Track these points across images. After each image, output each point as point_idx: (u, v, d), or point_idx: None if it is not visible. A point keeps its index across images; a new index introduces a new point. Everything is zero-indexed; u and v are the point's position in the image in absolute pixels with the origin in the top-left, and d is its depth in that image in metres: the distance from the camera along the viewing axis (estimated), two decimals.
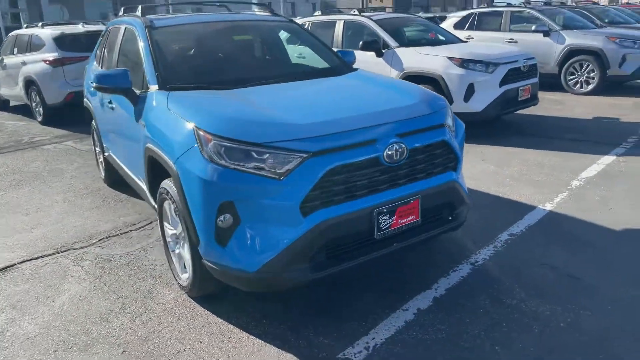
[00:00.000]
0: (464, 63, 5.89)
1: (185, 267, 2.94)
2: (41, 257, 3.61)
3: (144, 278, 3.21)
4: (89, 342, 2.58)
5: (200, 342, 2.53)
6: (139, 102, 3.23)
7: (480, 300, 2.75)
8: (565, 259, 3.15)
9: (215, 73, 3.43)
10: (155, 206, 3.27)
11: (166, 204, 2.94)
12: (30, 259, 3.59)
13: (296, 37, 4.17)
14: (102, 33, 5.04)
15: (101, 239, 3.86)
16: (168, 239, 3.09)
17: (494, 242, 3.42)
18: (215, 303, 2.84)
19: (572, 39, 8.96)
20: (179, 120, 2.66)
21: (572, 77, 9.09)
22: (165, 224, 3.07)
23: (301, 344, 2.46)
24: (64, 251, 3.69)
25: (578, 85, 9.05)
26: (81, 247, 3.73)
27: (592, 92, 8.82)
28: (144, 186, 3.49)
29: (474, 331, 2.49)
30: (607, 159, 5.12)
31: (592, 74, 8.85)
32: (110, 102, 3.88)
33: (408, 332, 2.51)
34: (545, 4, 10.95)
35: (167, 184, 2.79)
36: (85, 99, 5.14)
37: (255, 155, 2.32)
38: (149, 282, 3.15)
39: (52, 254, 3.65)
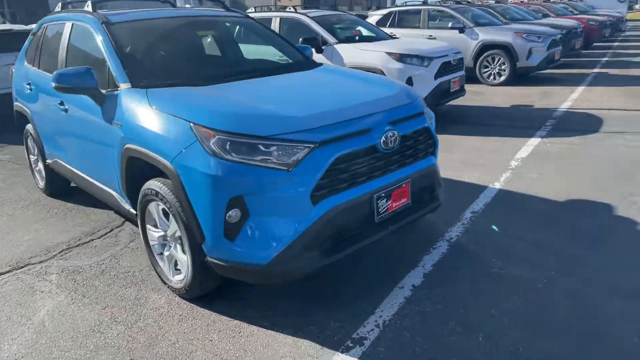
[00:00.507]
0: (402, 58, 6.21)
1: (177, 269, 2.87)
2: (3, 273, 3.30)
3: (125, 285, 3.07)
4: (88, 355, 2.44)
5: (211, 340, 2.49)
6: (106, 101, 3.07)
7: (465, 271, 2.99)
8: (525, 228, 3.51)
9: (186, 69, 3.35)
10: (131, 210, 3.15)
11: (152, 206, 2.84)
12: None
13: (255, 32, 4.16)
14: (34, 31, 4.66)
15: (61, 251, 3.60)
16: (153, 242, 2.99)
17: (460, 220, 3.70)
18: (213, 301, 2.81)
19: (485, 34, 9.75)
20: (168, 117, 2.59)
21: (485, 69, 9.89)
22: (149, 226, 2.96)
23: (313, 330, 2.52)
24: (21, 267, 3.40)
25: (491, 77, 9.87)
26: (41, 262, 3.46)
27: (504, 83, 9.67)
28: (111, 191, 3.33)
29: (467, 299, 2.71)
30: (534, 141, 5.70)
31: (503, 67, 9.70)
32: (61, 104, 3.62)
33: (410, 306, 2.67)
34: (457, 2, 11.77)
35: (155, 184, 2.70)
36: (16, 103, 4.72)
37: (262, 148, 2.34)
38: (132, 289, 3.02)
39: (9, 271, 3.34)
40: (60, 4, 4.39)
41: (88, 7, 3.72)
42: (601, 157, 5.01)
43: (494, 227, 3.50)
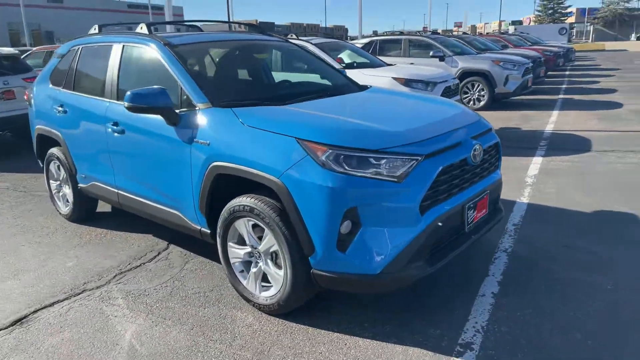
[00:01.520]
0: (407, 82, 6.51)
1: (262, 285, 2.87)
2: (56, 302, 3.16)
3: (202, 305, 3.03)
4: None
5: (321, 353, 2.51)
6: (181, 121, 3.08)
7: (534, 279, 3.16)
8: (570, 237, 3.75)
9: (256, 89, 3.42)
10: (202, 229, 3.13)
11: (240, 223, 2.85)
12: (43, 307, 3.11)
13: (298, 56, 4.29)
14: (60, 53, 4.57)
15: (115, 276, 3.49)
16: (234, 260, 2.99)
17: (506, 232, 3.91)
18: (302, 317, 2.82)
19: (464, 62, 10.34)
20: (268, 135, 2.65)
21: (465, 95, 10.45)
22: (231, 244, 2.96)
23: (417, 338, 2.59)
24: (79, 293, 3.27)
25: (471, 102, 10.42)
26: (97, 287, 3.34)
27: (483, 107, 10.24)
28: (175, 211, 3.30)
29: (549, 303, 2.87)
30: (538, 160, 6.09)
31: (482, 92, 10.29)
32: (115, 125, 3.57)
33: (500, 312, 2.80)
34: (433, 32, 12.41)
35: (248, 200, 2.73)
36: (39, 126, 4.57)
37: (373, 162, 2.44)
38: (211, 309, 2.98)
39: (68, 298, 3.21)
40: (96, 26, 4.35)
41: (142, 29, 3.73)
42: (605, 173, 5.42)
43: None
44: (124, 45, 3.75)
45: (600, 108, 10.00)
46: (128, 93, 3.06)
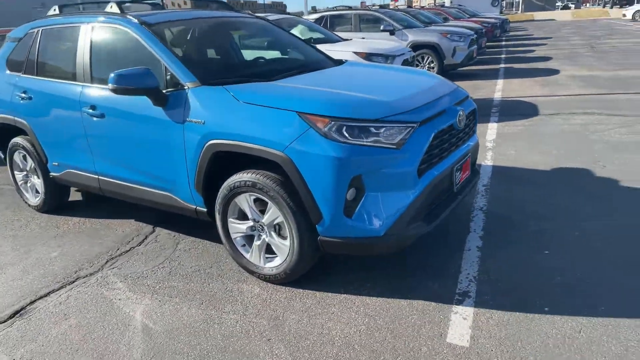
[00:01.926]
0: (368, 57, 6.67)
1: (266, 257, 2.97)
2: (51, 292, 3.11)
3: (206, 282, 3.09)
4: (222, 344, 2.48)
5: (333, 313, 2.67)
6: (170, 101, 3.07)
7: (512, 231, 3.45)
8: (535, 193, 4.10)
9: (240, 66, 3.44)
10: (198, 208, 3.17)
11: (241, 198, 2.91)
12: (39, 298, 3.06)
13: (272, 33, 4.30)
14: (16, 37, 4.33)
15: (107, 262, 3.46)
16: (235, 235, 3.06)
17: (478, 192, 4.20)
18: (307, 283, 2.95)
19: (414, 36, 10.62)
20: (267, 110, 2.71)
21: (416, 67, 10.76)
22: (232, 220, 3.03)
23: (419, 292, 2.80)
24: (73, 281, 3.23)
25: None
26: (91, 274, 3.31)
27: None
28: (166, 193, 3.30)
29: (528, 251, 3.16)
30: (493, 125, 6.48)
31: (432, 64, 10.64)
32: (92, 108, 3.48)
33: (488, 263, 3.06)
34: (381, 7, 12.58)
35: (248, 176, 2.80)
36: (6, 115, 4.33)
37: (373, 130, 2.58)
38: (216, 284, 3.05)
39: (63, 287, 3.17)
40: (56, 7, 4.15)
41: (112, 8, 3.62)
42: (554, 134, 5.87)
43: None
44: (93, 27, 3.63)
45: (540, 75, 10.64)
46: (112, 75, 3.00)
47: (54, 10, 4.15)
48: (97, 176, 3.75)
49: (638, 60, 11.96)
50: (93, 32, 3.62)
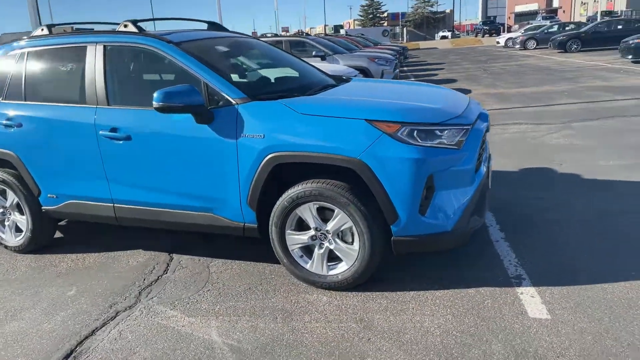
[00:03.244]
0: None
1: (328, 264, 3.02)
2: (96, 330, 2.85)
3: (265, 297, 3.04)
4: (328, 351, 2.49)
5: (412, 308, 2.79)
6: (217, 118, 3.03)
7: (521, 221, 3.84)
8: (525, 190, 4.60)
9: (272, 83, 3.48)
10: (247, 225, 3.14)
11: (303, 208, 2.95)
12: (85, 338, 2.78)
13: (278, 53, 4.37)
14: None
15: (140, 293, 3.24)
16: (293, 247, 3.07)
17: None
18: (366, 287, 3.03)
19: (344, 61, 11.19)
20: (332, 120, 2.81)
21: None
22: (290, 232, 3.04)
23: (478, 281, 3.03)
24: (114, 316, 2.98)
25: None
26: (130, 306, 3.08)
27: None
28: (205, 213, 3.23)
29: (547, 233, 3.57)
30: None
31: None
32: (114, 131, 3.29)
33: (519, 249, 3.40)
34: (306, 35, 13.07)
35: (314, 186, 2.86)
36: None
37: (438, 133, 2.80)
38: (278, 298, 3.01)
39: (107, 323, 2.91)
40: (44, 27, 3.85)
41: (125, 27, 3.48)
42: (502, 141, 6.58)
43: None
44: (105, 46, 3.45)
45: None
46: (157, 93, 2.92)
47: (42, 30, 3.85)
48: (112, 204, 3.51)
49: (529, 79, 13.73)
50: (107, 52, 3.43)
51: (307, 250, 3.11)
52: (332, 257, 3.05)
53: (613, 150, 5.75)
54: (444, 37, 58.06)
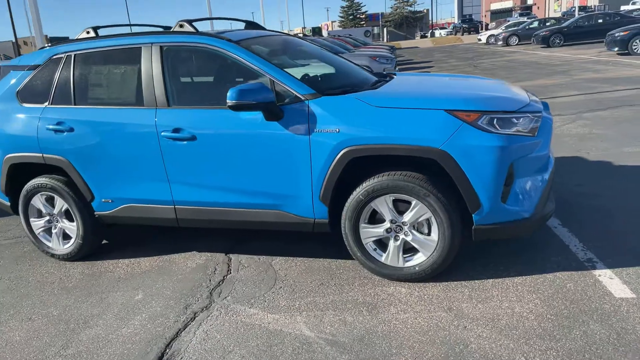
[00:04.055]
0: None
1: (405, 255, 3.04)
2: (180, 331, 2.81)
3: (339, 292, 3.04)
4: (428, 340, 2.50)
5: (495, 295, 2.83)
6: (287, 114, 3.02)
7: (572, 207, 3.92)
8: (562, 178, 4.69)
9: (331, 79, 3.48)
10: (318, 221, 3.14)
11: (379, 201, 2.96)
12: (171, 340, 2.75)
13: (318, 51, 4.37)
14: (37, 64, 3.79)
15: (211, 293, 3.21)
16: (367, 240, 3.08)
17: None
18: (444, 276, 3.07)
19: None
20: (410, 112, 2.84)
21: None
22: (364, 225, 3.05)
23: (551, 266, 3.09)
24: (193, 317, 2.94)
25: None
26: (206, 307, 3.05)
27: None
28: (275, 210, 3.22)
29: (601, 217, 3.65)
30: None
31: None
32: (176, 131, 3.25)
33: (580, 234, 3.47)
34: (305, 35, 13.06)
35: (389, 178, 2.88)
36: (11, 154, 3.76)
37: (515, 121, 2.85)
38: (354, 292, 3.02)
39: (188, 324, 2.88)
40: (90, 29, 3.78)
41: (181, 27, 3.45)
42: None
43: None
44: (162, 47, 3.41)
45: None
46: (232, 91, 2.91)
47: (87, 33, 3.78)
48: (173, 206, 3.47)
49: (522, 73, 13.98)
50: (164, 53, 3.39)
51: (379, 243, 3.12)
52: (406, 249, 3.07)
53: (633, 138, 5.91)
54: (423, 37, 58.66)
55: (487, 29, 45.67)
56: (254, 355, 2.53)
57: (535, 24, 30.23)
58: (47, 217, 3.93)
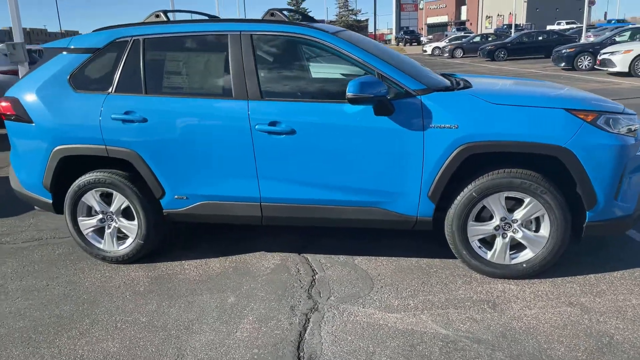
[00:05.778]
0: None
1: (510, 252, 3.08)
2: (302, 333, 2.66)
3: (448, 290, 3.02)
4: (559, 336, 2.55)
5: (577, 290, 2.94)
6: (397, 109, 2.97)
7: None
8: None
9: (419, 74, 3.45)
10: (421, 219, 3.12)
11: (493, 198, 2.98)
12: (299, 341, 2.60)
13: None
14: (96, 47, 3.42)
15: (309, 295, 3.07)
16: (474, 238, 3.09)
17: None
18: (546, 274, 3.14)
19: None
20: (529, 110, 2.89)
21: None
22: (472, 222, 3.06)
23: (624, 257, 3.27)
24: (306, 321, 2.80)
25: None
26: (313, 308, 2.91)
27: None
28: (374, 207, 3.15)
29: None
30: None
31: None
32: (273, 124, 3.08)
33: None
34: None
35: (507, 175, 2.91)
36: (63, 146, 3.39)
37: (622, 121, 2.98)
38: (462, 290, 3.01)
39: (304, 329, 2.73)
40: (160, 12, 3.48)
41: (272, 16, 3.30)
42: None
43: None
44: (252, 35, 3.22)
45: None
46: (353, 83, 2.83)
47: (157, 16, 3.49)
48: (259, 203, 3.28)
49: None
50: (255, 42, 3.21)
51: (483, 241, 3.15)
52: (511, 246, 3.11)
53: None
54: None
55: (427, 41, 47.52)
56: (402, 355, 2.44)
57: (477, 38, 31.91)
58: (100, 216, 3.57)
